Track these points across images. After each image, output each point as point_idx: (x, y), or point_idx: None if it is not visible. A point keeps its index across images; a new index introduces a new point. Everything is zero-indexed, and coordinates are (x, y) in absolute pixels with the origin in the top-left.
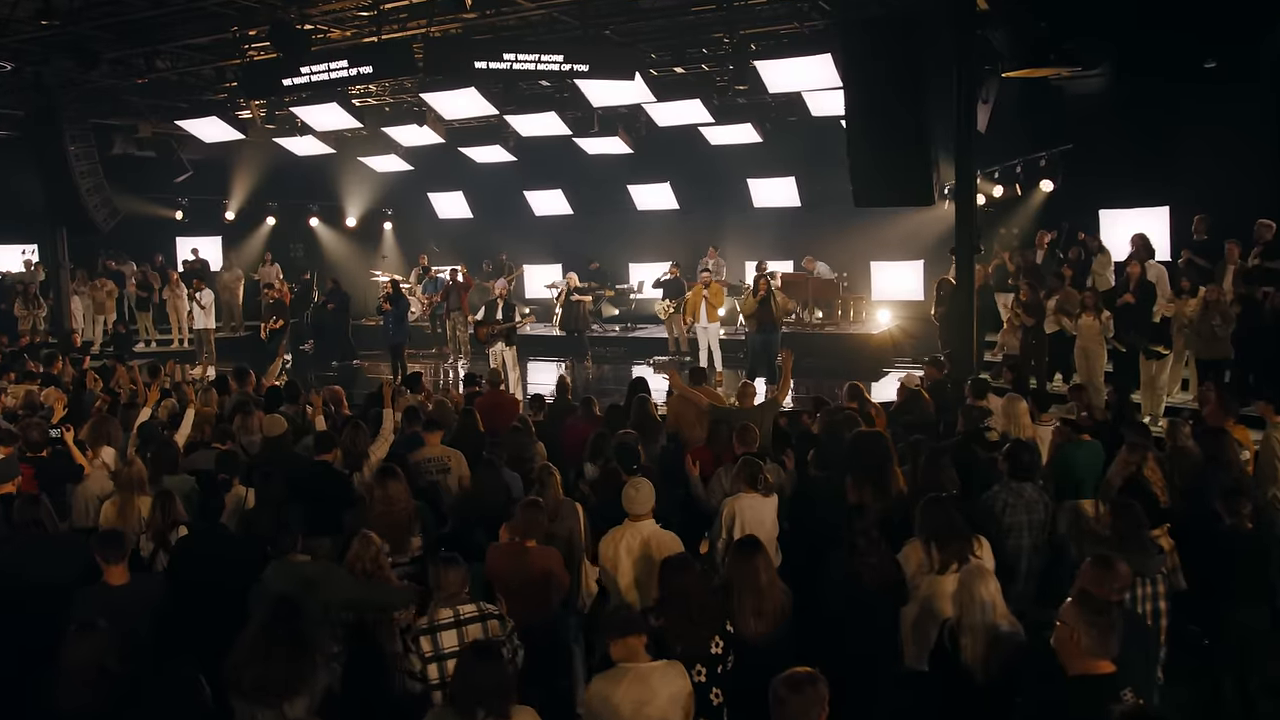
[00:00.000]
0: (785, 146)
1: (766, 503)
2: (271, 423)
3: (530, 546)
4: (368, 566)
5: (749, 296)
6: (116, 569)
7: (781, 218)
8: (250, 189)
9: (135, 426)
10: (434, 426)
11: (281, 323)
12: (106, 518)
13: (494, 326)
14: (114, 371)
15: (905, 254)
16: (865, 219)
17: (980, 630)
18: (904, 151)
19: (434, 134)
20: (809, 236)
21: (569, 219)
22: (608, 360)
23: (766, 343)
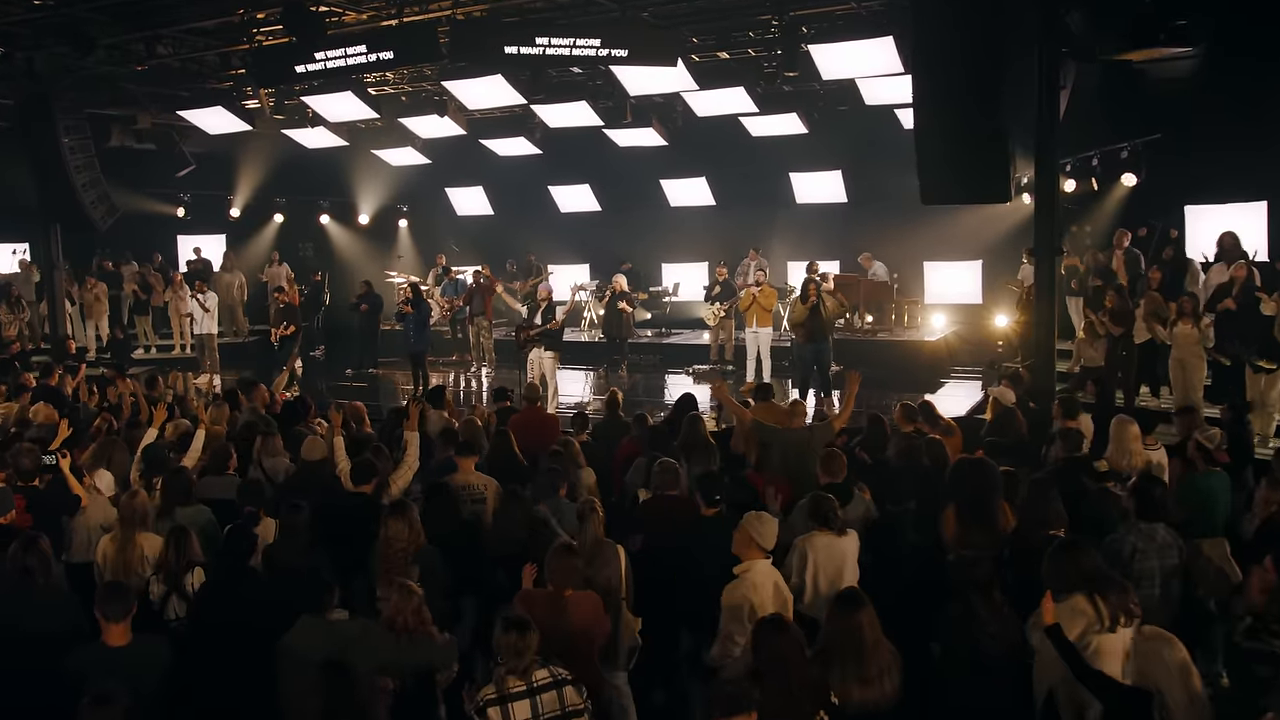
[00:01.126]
0: (833, 138)
1: (844, 543)
2: (311, 446)
3: (568, 595)
4: (409, 622)
5: (796, 303)
6: (117, 628)
7: (826, 215)
8: (257, 184)
9: (139, 449)
10: (468, 451)
11: (293, 329)
12: (105, 555)
13: (531, 331)
14: (112, 383)
15: (962, 254)
16: (918, 216)
17: (1190, 708)
18: (980, 143)
19: (455, 125)
20: (856, 235)
21: (597, 216)
22: (640, 369)
23: (817, 353)
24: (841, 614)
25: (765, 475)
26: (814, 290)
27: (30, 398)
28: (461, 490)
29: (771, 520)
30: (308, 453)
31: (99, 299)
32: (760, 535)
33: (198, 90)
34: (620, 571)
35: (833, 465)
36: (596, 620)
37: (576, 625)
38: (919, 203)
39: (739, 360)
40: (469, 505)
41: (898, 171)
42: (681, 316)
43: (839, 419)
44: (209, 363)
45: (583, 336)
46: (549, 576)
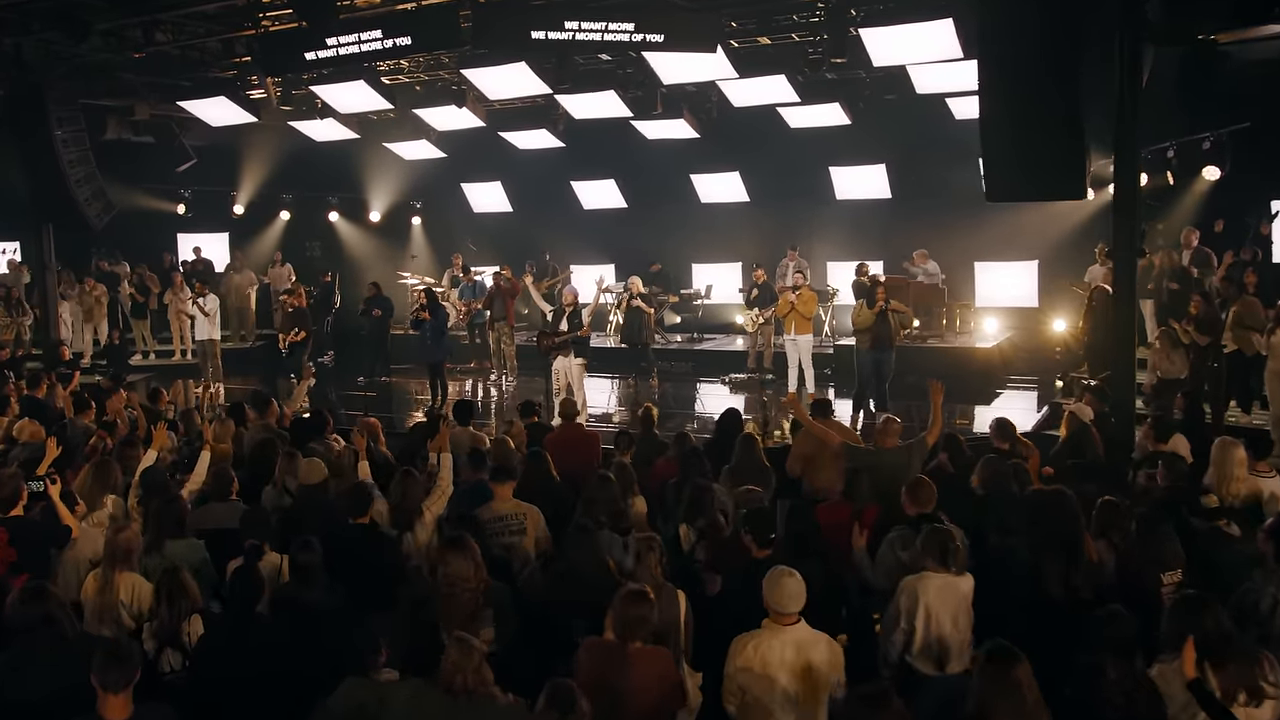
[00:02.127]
0: (877, 129)
1: (961, 584)
2: (309, 468)
3: (636, 649)
4: (469, 681)
5: (862, 308)
6: (116, 700)
7: (869, 212)
8: (262, 179)
9: (137, 473)
10: (504, 476)
11: (304, 334)
12: (85, 594)
13: (556, 337)
14: (108, 394)
15: (1016, 253)
16: (968, 213)
17: None
18: (1054, 134)
19: (473, 116)
20: (900, 233)
21: (622, 213)
22: (671, 376)
23: (879, 363)
24: (996, 671)
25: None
26: (882, 295)
27: (20, 409)
28: (495, 522)
29: (790, 580)
30: (306, 476)
31: (100, 301)
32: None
33: (199, 79)
34: (679, 619)
35: (921, 494)
36: (662, 683)
37: (636, 685)
38: (969, 198)
39: (779, 368)
40: (505, 538)
41: (947, 165)
42: (714, 321)
43: (931, 433)
44: (210, 370)
45: (608, 341)
46: (615, 625)
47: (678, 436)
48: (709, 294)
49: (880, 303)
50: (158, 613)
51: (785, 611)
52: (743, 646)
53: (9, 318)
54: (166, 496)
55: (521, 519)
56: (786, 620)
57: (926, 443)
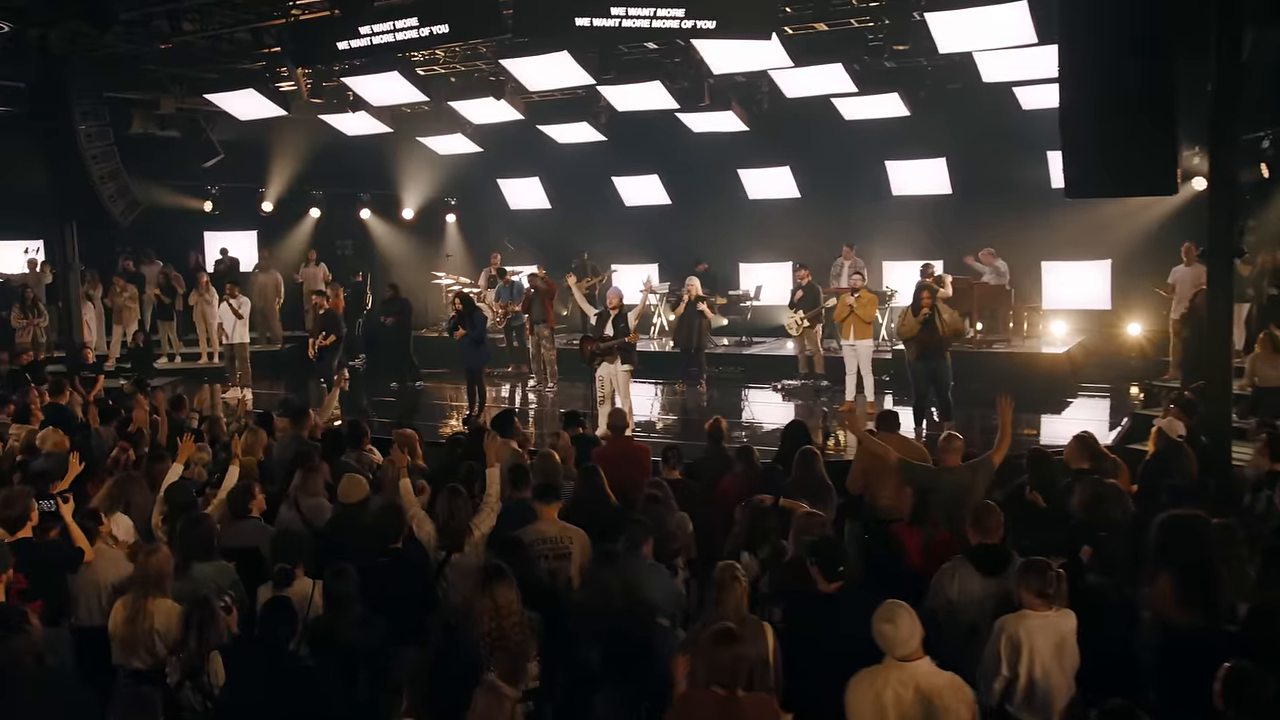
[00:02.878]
0: (938, 121)
1: (1062, 623)
2: (349, 485)
3: (746, 700)
4: None
5: (907, 315)
6: None
7: (927, 208)
8: (291, 175)
9: (162, 489)
10: (550, 496)
11: (334, 338)
12: (114, 624)
13: (600, 342)
14: (131, 399)
15: (1087, 252)
16: (1035, 209)
17: None
18: (1141, 125)
19: (511, 109)
20: (961, 231)
21: (666, 210)
22: (719, 382)
23: (933, 372)
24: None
25: (923, 531)
26: (928, 300)
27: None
28: (539, 545)
29: (906, 614)
30: (344, 493)
31: (129, 304)
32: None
33: (227, 71)
34: (768, 655)
35: (988, 522)
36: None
37: None
38: (1036, 194)
39: (832, 375)
40: (550, 562)
41: (1013, 158)
42: (764, 323)
43: (998, 452)
44: (240, 374)
45: (652, 345)
46: (707, 673)
47: (741, 451)
48: (758, 295)
49: (925, 309)
50: (185, 644)
51: (903, 649)
52: (863, 684)
53: (25, 319)
54: (192, 515)
55: (567, 543)
56: (911, 656)
57: (993, 462)
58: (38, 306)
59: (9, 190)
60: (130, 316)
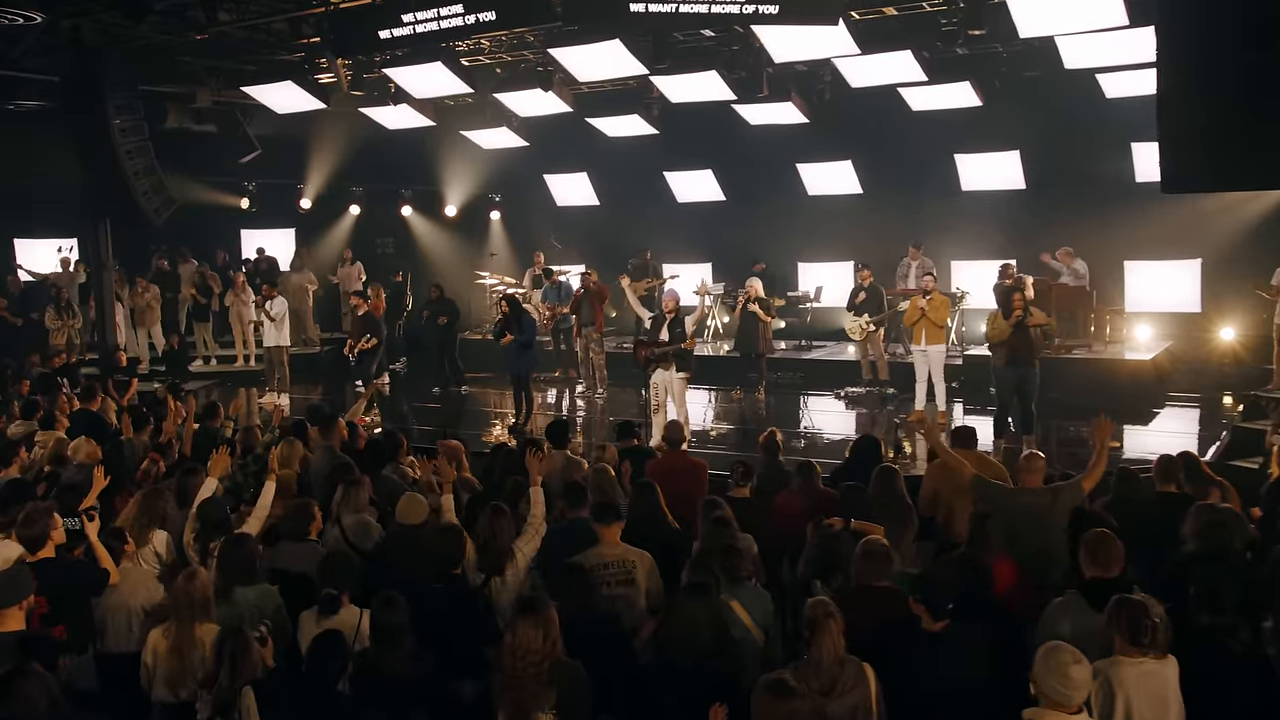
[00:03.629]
0: (1011, 111)
1: (1164, 671)
2: (410, 506)
3: None
4: None
5: (996, 318)
6: None
7: (999, 204)
8: (330, 171)
9: (195, 505)
10: (610, 515)
11: (375, 342)
12: (156, 656)
13: (655, 348)
14: (163, 405)
15: (1174, 250)
16: (1117, 204)
17: None
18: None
19: (559, 101)
20: (1035, 228)
21: (720, 207)
22: (778, 388)
23: (1019, 380)
24: None
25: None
26: (1020, 302)
27: (68, 427)
28: (600, 570)
29: (1077, 666)
30: (405, 514)
31: (152, 305)
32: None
33: (264, 63)
34: (870, 700)
35: (1104, 552)
36: None
37: None
38: (1118, 188)
39: (898, 381)
40: (612, 589)
41: (1093, 150)
42: (824, 326)
43: (1089, 477)
44: (277, 379)
45: (706, 349)
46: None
47: (802, 466)
48: (819, 296)
49: (1017, 312)
50: (217, 677)
51: (1070, 701)
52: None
53: (59, 321)
54: (235, 535)
55: (630, 567)
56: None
57: (1082, 488)
58: (72, 308)
59: (42, 187)
60: (152, 318)
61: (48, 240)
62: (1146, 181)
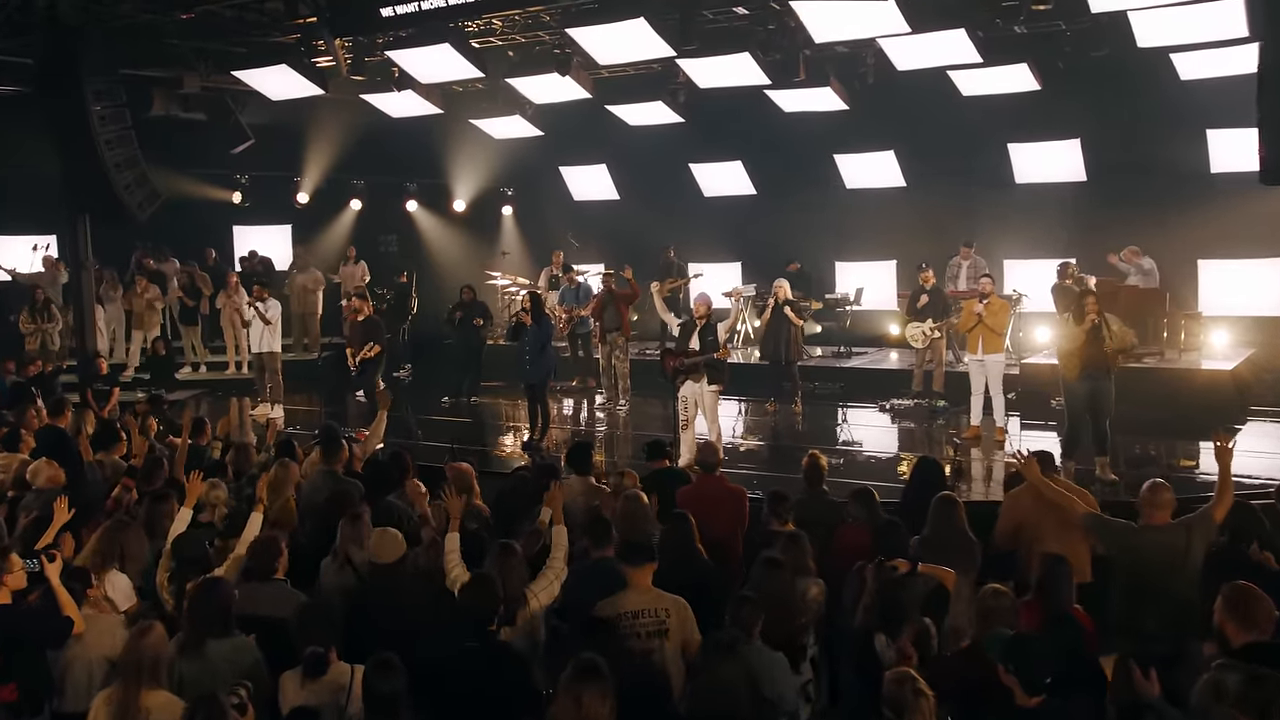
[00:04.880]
0: (1073, 96)
1: None
2: (383, 542)
3: None
4: None
5: (1068, 324)
6: None
7: (1057, 198)
8: (329, 163)
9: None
10: (641, 556)
11: (378, 349)
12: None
13: (685, 357)
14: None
15: (1254, 248)
16: (1190, 197)
17: None
18: None
19: (577, 87)
20: (1097, 224)
21: (750, 201)
22: (814, 400)
23: (1095, 394)
24: None
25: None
26: (1094, 306)
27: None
28: (628, 620)
29: None
30: (378, 551)
31: (152, 306)
32: None
33: (257, 45)
34: None
35: (1255, 612)
36: None
37: None
38: (1192, 180)
39: (951, 393)
40: (643, 641)
41: (1163, 138)
42: (865, 331)
43: (1218, 507)
44: (270, 388)
45: (736, 356)
46: None
47: (861, 495)
48: (859, 299)
49: (1093, 317)
50: None
51: None
52: None
53: (33, 324)
54: (207, 579)
55: (663, 616)
56: None
57: (1213, 518)
58: (49, 309)
59: (18, 180)
60: (153, 320)
61: (23, 237)
62: (1223, 172)
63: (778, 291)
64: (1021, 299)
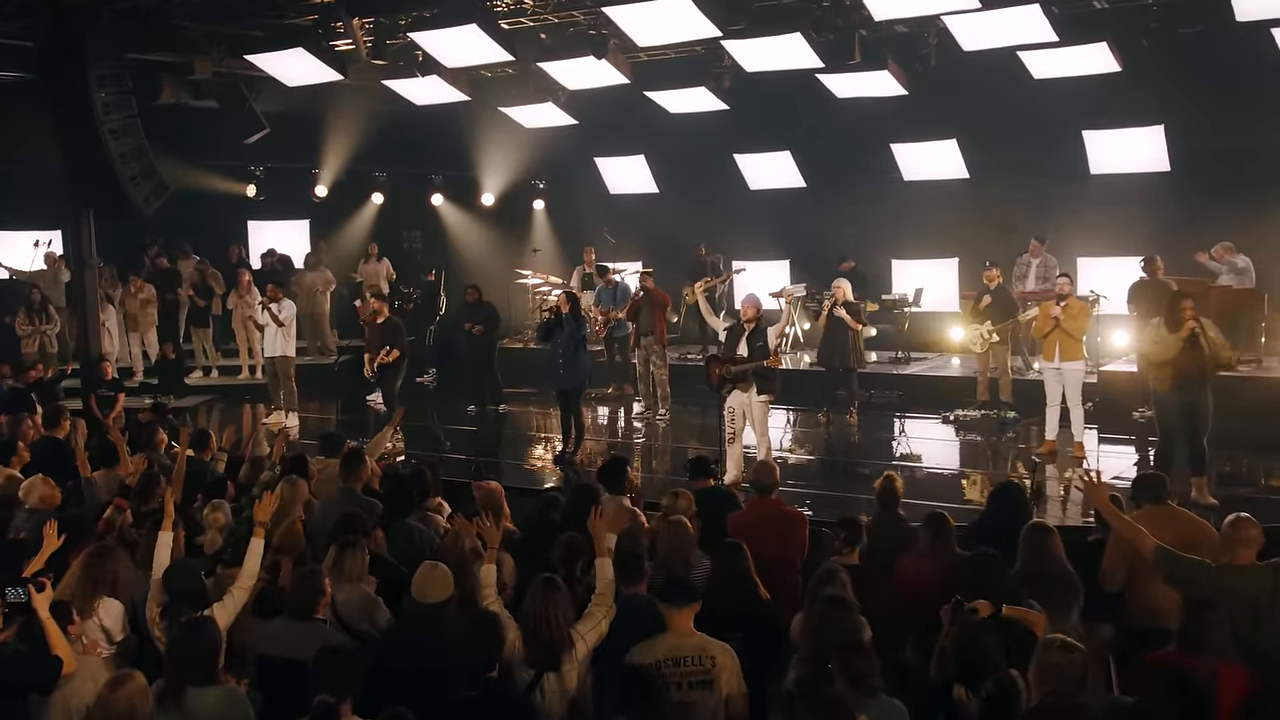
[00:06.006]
0: (1156, 77)
1: None
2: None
3: None
4: None
5: (1160, 329)
6: None
7: (1137, 189)
8: (350, 153)
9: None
10: (685, 597)
11: (397, 353)
12: None
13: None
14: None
15: None
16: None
17: None
18: None
19: (614, 71)
20: (1184, 218)
21: (800, 195)
22: (871, 409)
23: (1190, 409)
24: None
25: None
26: (1191, 312)
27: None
28: (668, 668)
29: None
30: (424, 590)
31: (146, 306)
32: None
33: (272, 28)
34: None
35: None
36: None
37: None
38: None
39: (1021, 403)
40: (684, 693)
41: (1260, 122)
42: (925, 335)
43: None
44: (283, 395)
45: (785, 362)
46: None
47: (932, 520)
48: (918, 300)
49: (1190, 323)
50: None
51: None
52: None
53: (30, 325)
54: (191, 620)
55: (708, 665)
56: None
57: None
58: (47, 310)
59: (21, 172)
60: (148, 322)
61: (27, 233)
62: None
63: (836, 293)
64: (1098, 301)
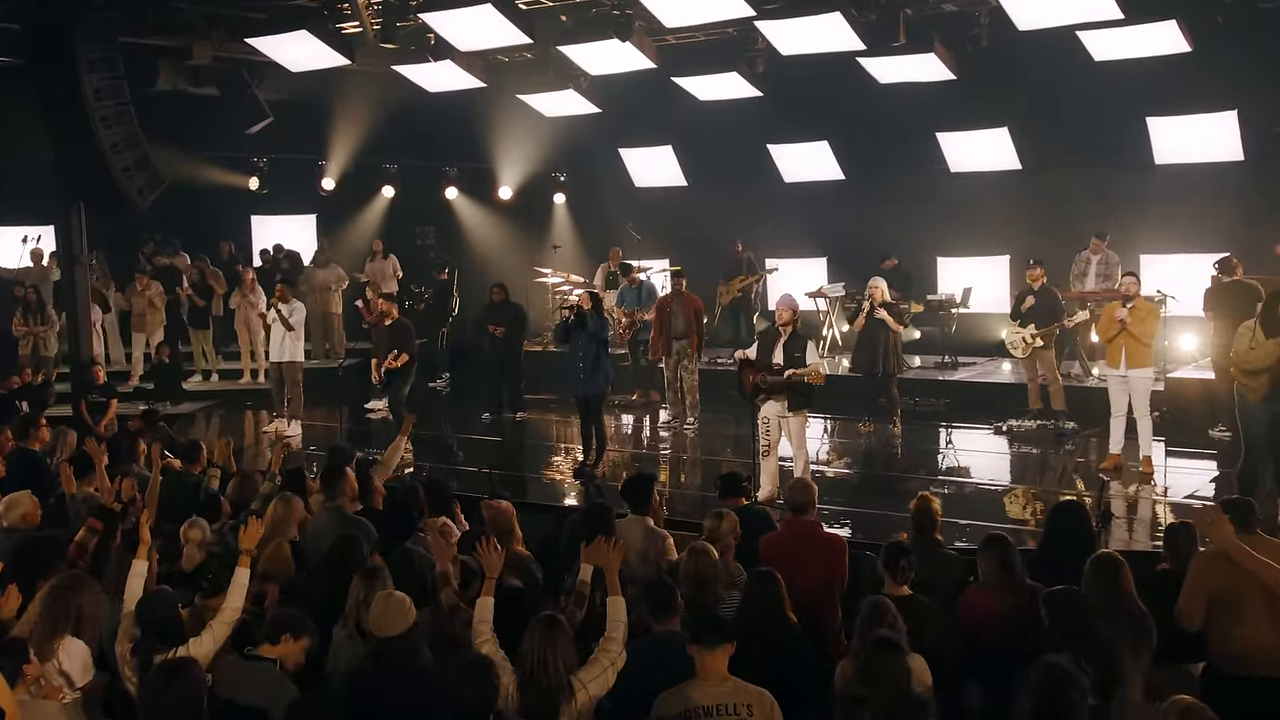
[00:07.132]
0: (1228, 60)
1: None
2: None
3: None
4: None
5: (1254, 334)
6: None
7: (1207, 180)
8: (358, 144)
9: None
10: (716, 637)
11: (406, 358)
12: None
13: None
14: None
15: None
16: None
17: None
18: None
19: (640, 55)
20: (1259, 212)
21: (838, 188)
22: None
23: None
24: None
25: None
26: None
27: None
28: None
29: None
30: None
31: (154, 305)
32: None
33: (275, 9)
34: None
35: None
36: None
37: None
38: None
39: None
40: None
41: None
42: (974, 339)
43: None
44: (289, 401)
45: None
46: None
47: (993, 544)
48: (966, 300)
49: None
50: None
51: None
52: None
53: (26, 326)
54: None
55: (744, 714)
56: None
57: None
58: (44, 311)
59: (13, 165)
60: (155, 322)
61: (16, 228)
62: None
63: (873, 293)
64: (1167, 301)
